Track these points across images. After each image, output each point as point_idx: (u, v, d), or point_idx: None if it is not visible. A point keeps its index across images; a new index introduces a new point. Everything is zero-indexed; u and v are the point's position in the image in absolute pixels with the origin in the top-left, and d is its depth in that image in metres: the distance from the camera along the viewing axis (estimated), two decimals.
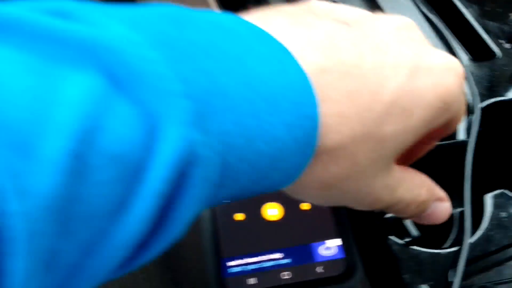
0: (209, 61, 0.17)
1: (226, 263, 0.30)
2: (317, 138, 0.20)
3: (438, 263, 0.38)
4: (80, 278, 0.15)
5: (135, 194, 0.15)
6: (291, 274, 0.30)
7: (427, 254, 0.38)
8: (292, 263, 0.30)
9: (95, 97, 0.14)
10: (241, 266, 0.30)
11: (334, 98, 0.20)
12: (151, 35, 0.16)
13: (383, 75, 0.21)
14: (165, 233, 0.16)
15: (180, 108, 0.15)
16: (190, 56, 0.17)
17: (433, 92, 0.22)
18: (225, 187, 0.18)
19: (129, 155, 0.14)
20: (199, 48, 0.17)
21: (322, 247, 0.31)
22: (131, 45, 0.15)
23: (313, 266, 0.30)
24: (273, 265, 0.30)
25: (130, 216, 0.15)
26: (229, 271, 0.30)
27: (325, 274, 0.30)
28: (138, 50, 0.15)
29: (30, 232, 0.12)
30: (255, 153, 0.18)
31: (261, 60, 0.18)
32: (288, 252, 0.31)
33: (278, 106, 0.18)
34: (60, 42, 0.14)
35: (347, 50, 0.21)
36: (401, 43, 0.23)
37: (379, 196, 0.24)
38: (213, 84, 0.17)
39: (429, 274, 0.38)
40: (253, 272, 0.30)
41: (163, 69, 0.15)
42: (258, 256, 0.30)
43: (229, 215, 0.32)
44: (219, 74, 0.17)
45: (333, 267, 0.30)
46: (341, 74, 0.20)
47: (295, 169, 0.20)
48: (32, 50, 0.14)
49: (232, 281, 0.30)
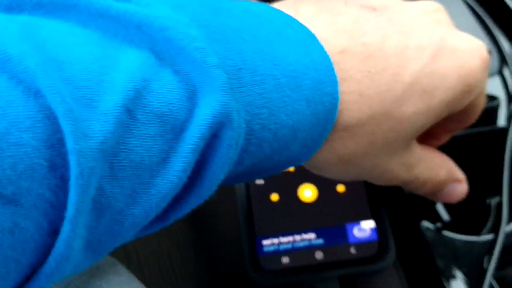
0: (241, 42, 0.19)
1: (261, 241, 0.31)
2: (336, 114, 0.21)
3: (473, 250, 0.38)
4: (122, 225, 0.17)
5: (175, 150, 0.17)
6: (324, 254, 0.31)
7: (462, 241, 0.38)
8: (325, 244, 0.31)
9: (144, 67, 0.16)
10: (275, 245, 0.31)
11: (355, 77, 0.21)
12: (192, 17, 0.18)
13: (405, 57, 0.22)
14: (198, 190, 0.18)
15: (216, 77, 0.17)
16: (225, 37, 0.18)
17: (456, 75, 0.23)
18: (249, 153, 0.19)
19: (171, 114, 0.16)
20: (233, 30, 0.19)
21: (356, 228, 0.31)
22: (175, 23, 0.17)
23: (346, 247, 0.31)
24: (306, 245, 0.31)
25: (170, 170, 0.17)
26: (264, 249, 0.31)
27: (357, 255, 0.30)
28: (181, 28, 0.17)
29: (83, 168, 0.14)
30: (277, 123, 0.19)
31: (287, 43, 0.20)
32: (322, 233, 0.31)
33: (300, 83, 0.20)
34: (117, 20, 0.17)
35: (371, 33, 0.22)
36: (426, 26, 0.23)
37: (396, 173, 0.25)
38: (243, 61, 0.18)
39: (464, 261, 0.38)
40: (287, 251, 0.31)
41: (202, 44, 0.17)
42: (292, 236, 0.31)
43: (265, 195, 0.32)
44: (249, 53, 0.19)
45: (366, 248, 0.31)
46: (363, 55, 0.21)
47: (315, 142, 0.21)
48: (94, 26, 0.17)
49: (267, 259, 0.31)
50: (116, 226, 0.16)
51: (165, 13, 0.17)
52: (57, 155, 0.14)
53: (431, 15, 0.24)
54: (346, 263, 0.30)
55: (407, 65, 0.22)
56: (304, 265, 0.30)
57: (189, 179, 0.18)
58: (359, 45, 0.21)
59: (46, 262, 0.15)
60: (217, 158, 0.17)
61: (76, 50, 0.16)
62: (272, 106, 0.19)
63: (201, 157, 0.18)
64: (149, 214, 0.17)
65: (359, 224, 0.31)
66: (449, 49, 0.23)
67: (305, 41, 0.20)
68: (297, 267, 0.30)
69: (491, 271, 0.36)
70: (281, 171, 0.23)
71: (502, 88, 0.45)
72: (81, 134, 0.14)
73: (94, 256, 0.17)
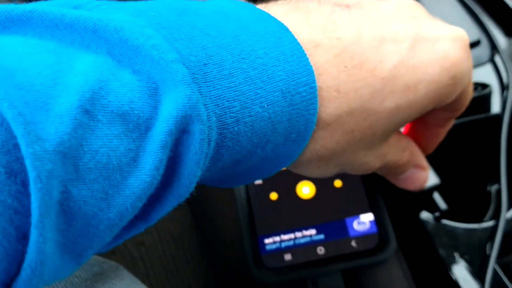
0: (206, 38, 0.19)
1: (263, 240, 0.31)
2: (317, 104, 0.20)
3: (475, 238, 0.38)
4: (98, 228, 0.17)
5: (143, 148, 0.17)
6: (325, 249, 0.31)
7: (463, 229, 0.39)
8: (326, 239, 0.31)
9: (101, 69, 0.16)
10: (277, 243, 0.31)
11: (330, 73, 0.21)
12: (149, 19, 0.18)
13: (382, 51, 0.21)
14: (177, 188, 0.18)
15: (175, 72, 0.17)
16: (188, 35, 0.18)
17: (439, 67, 0.22)
18: (227, 148, 0.19)
19: (133, 112, 0.16)
20: (198, 29, 0.19)
21: (356, 222, 0.32)
22: (129, 24, 0.17)
23: (347, 241, 0.31)
24: (308, 241, 0.31)
25: (141, 169, 0.17)
26: (266, 248, 0.31)
27: (359, 248, 0.31)
28: (135, 28, 0.17)
29: (40, 171, 0.14)
30: (252, 116, 0.19)
31: (256, 36, 0.20)
32: (322, 228, 0.32)
33: (272, 75, 0.20)
34: (72, 28, 0.17)
35: (344, 27, 0.21)
36: (402, 20, 0.23)
37: (372, 164, 0.25)
38: (208, 56, 0.18)
39: (466, 249, 0.38)
40: (289, 248, 0.31)
41: (158, 41, 0.17)
42: (293, 233, 0.32)
43: (265, 194, 0.33)
44: (214, 48, 0.19)
45: (367, 241, 0.31)
46: (338, 49, 0.21)
47: (301, 135, 0.21)
48: (50, 36, 0.17)
49: (269, 257, 0.31)
50: (91, 229, 0.16)
51: (118, 16, 0.17)
52: (15, 160, 0.14)
53: (406, 10, 0.24)
54: (348, 257, 0.30)
55: (385, 59, 0.21)
56: (307, 261, 0.31)
57: (165, 177, 0.18)
58: (333, 39, 0.21)
59: (22, 269, 0.15)
60: (191, 154, 0.17)
61: (29, 59, 0.16)
62: (244, 99, 0.19)
63: (174, 153, 0.18)
64: (125, 215, 0.17)
65: (358, 218, 0.32)
66: (428, 41, 0.22)
67: (275, 33, 0.20)
68: (300, 264, 0.30)
69: (494, 257, 0.36)
70: (277, 170, 0.23)
71: (494, 76, 0.45)
72: (34, 137, 0.14)
73: (75, 259, 0.17)
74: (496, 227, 0.38)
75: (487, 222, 0.39)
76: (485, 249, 0.38)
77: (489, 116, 0.43)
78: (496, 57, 0.46)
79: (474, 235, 0.38)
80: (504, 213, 0.38)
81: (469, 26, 0.46)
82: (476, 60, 0.45)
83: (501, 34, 0.48)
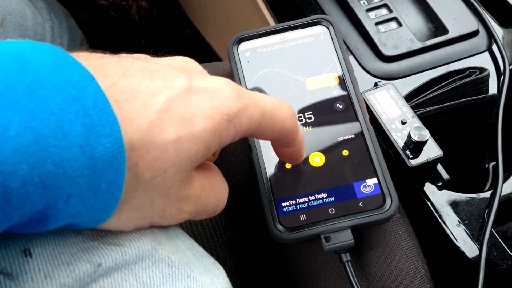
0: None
1: (281, 203, 0.35)
2: (124, 150, 0.21)
3: (473, 205, 0.41)
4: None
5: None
6: (335, 209, 0.35)
7: (462, 198, 0.42)
8: (336, 201, 0.35)
9: None
10: (293, 205, 0.35)
11: None
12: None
13: (154, 88, 0.23)
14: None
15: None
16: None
17: (209, 104, 0.24)
18: (16, 208, 0.19)
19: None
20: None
21: (362, 186, 0.35)
22: None
23: (355, 202, 0.35)
24: (320, 203, 0.35)
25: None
26: (284, 210, 0.35)
27: (365, 208, 0.34)
28: None
29: None
30: (43, 175, 0.19)
31: (54, 90, 0.19)
32: (332, 192, 0.35)
33: (69, 131, 0.19)
34: None
35: (112, 68, 0.22)
36: (170, 71, 0.24)
37: (185, 208, 0.26)
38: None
39: (464, 215, 0.41)
40: (304, 210, 0.35)
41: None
42: (307, 197, 0.36)
43: (280, 164, 0.37)
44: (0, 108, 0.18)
45: (372, 201, 0.34)
46: (107, 84, 0.21)
47: (114, 185, 0.21)
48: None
49: (287, 218, 0.35)
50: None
51: None
52: None
53: (177, 65, 0.26)
54: (356, 215, 0.34)
55: (158, 94, 0.22)
56: (319, 220, 0.34)
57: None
58: (101, 78, 0.21)
59: None
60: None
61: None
62: (34, 160, 0.18)
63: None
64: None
65: (365, 182, 0.35)
66: (197, 88, 0.24)
67: (78, 84, 0.20)
68: (314, 222, 0.34)
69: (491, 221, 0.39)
70: (103, 220, 0.23)
71: (491, 63, 0.48)
72: None
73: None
74: (494, 193, 0.41)
75: (485, 193, 0.42)
76: (484, 216, 0.41)
77: (486, 97, 0.47)
78: (494, 46, 0.49)
79: (473, 203, 0.41)
80: (501, 184, 0.41)
81: (468, 17, 0.50)
82: (475, 48, 0.49)
83: (498, 25, 0.51)
